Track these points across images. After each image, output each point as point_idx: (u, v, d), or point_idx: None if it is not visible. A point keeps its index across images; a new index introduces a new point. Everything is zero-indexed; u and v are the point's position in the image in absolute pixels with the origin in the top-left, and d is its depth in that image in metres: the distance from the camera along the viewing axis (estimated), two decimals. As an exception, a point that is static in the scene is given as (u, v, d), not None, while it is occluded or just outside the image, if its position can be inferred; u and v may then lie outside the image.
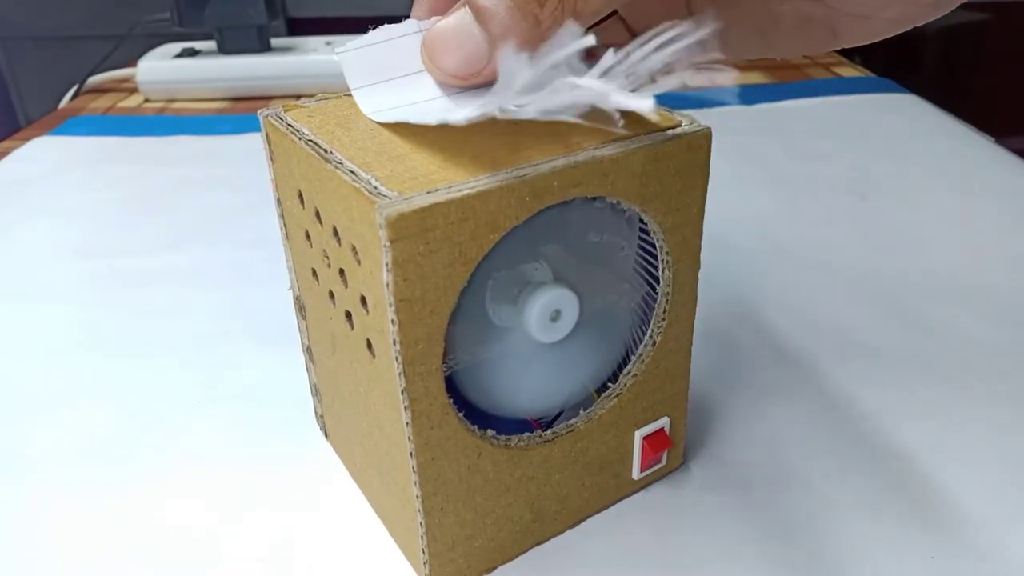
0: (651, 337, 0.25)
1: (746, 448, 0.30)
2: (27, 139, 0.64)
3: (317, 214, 0.23)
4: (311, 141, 0.22)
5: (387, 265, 0.19)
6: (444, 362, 0.21)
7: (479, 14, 0.21)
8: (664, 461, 0.28)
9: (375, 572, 0.25)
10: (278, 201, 0.26)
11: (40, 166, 0.58)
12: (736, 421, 0.31)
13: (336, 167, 0.20)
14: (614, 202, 0.22)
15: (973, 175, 0.52)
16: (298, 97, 0.26)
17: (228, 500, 0.28)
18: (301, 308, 0.27)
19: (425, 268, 0.19)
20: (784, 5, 0.25)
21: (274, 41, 0.75)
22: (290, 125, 0.23)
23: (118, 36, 0.80)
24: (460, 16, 0.21)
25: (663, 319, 0.25)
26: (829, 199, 0.49)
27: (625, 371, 0.25)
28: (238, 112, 0.70)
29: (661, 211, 0.23)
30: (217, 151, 0.60)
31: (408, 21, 0.23)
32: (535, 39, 0.21)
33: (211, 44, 0.75)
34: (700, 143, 0.23)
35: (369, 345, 0.22)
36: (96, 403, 0.33)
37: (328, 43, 0.76)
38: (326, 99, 0.25)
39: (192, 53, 0.74)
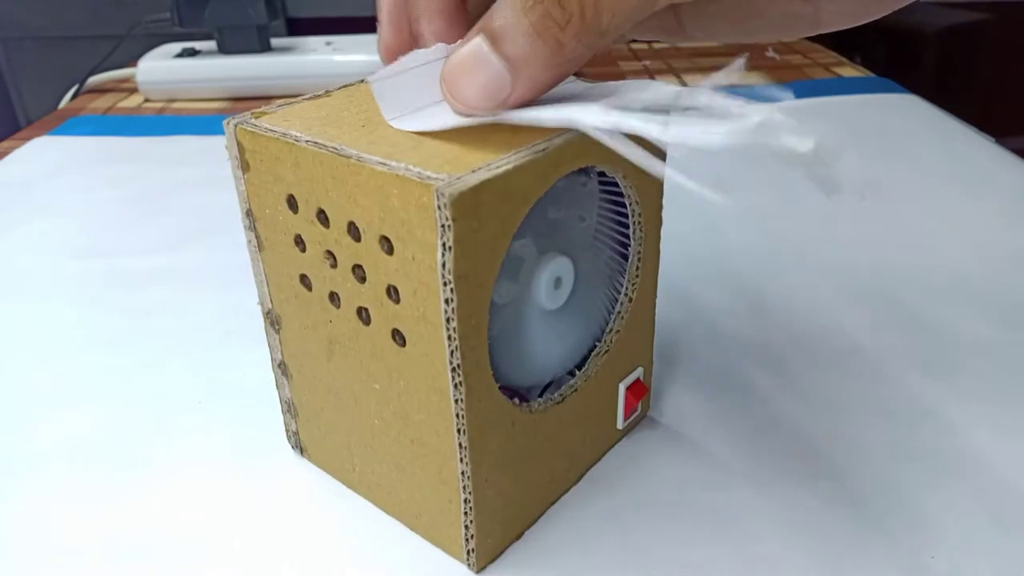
0: (626, 294, 0.27)
1: (746, 448, 0.30)
2: (27, 139, 0.64)
3: (321, 215, 0.22)
4: (312, 141, 0.22)
5: (446, 244, 0.19)
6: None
7: (495, 41, 0.20)
8: (639, 409, 0.29)
9: (376, 573, 0.25)
10: (248, 212, 0.25)
11: (40, 166, 0.58)
12: (736, 421, 0.31)
13: (359, 160, 0.20)
14: (582, 178, 0.24)
15: (973, 175, 0.52)
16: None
17: (228, 500, 0.28)
18: (273, 322, 0.27)
19: (477, 244, 0.20)
20: (773, 8, 0.24)
21: (274, 41, 0.75)
22: (273, 129, 0.23)
23: (118, 36, 0.80)
24: (476, 44, 0.20)
25: (636, 275, 0.27)
26: (828, 198, 0.49)
27: (609, 328, 0.27)
28: (238, 112, 0.69)
29: (636, 174, 0.24)
30: (217, 151, 0.60)
31: (438, 45, 0.22)
32: (558, 63, 0.20)
33: (211, 44, 0.75)
34: None
35: (395, 335, 0.22)
36: (96, 403, 0.33)
37: (328, 43, 0.76)
38: (288, 104, 0.25)
39: (192, 53, 0.74)
